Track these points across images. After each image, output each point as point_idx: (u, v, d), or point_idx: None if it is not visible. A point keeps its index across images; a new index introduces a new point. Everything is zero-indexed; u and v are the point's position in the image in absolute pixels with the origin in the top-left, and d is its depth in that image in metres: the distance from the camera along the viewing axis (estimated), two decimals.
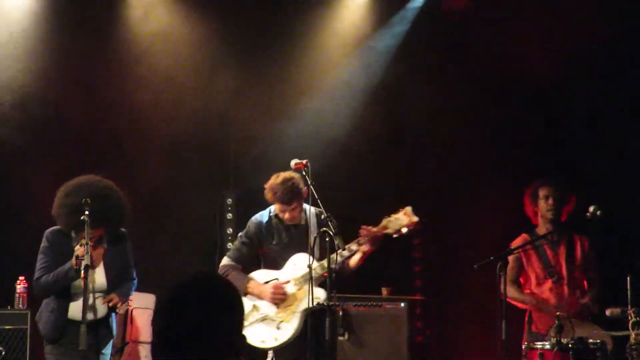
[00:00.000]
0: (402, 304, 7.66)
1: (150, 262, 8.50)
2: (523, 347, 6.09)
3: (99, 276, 5.79)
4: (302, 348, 6.03)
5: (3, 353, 7.38)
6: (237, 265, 6.31)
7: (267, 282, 6.19)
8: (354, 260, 6.12)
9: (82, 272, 5.47)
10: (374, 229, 5.99)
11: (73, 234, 5.77)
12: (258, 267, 6.42)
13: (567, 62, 8.29)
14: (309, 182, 5.98)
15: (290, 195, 6.13)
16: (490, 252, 6.08)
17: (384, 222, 6.02)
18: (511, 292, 6.59)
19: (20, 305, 7.69)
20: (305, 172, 6.02)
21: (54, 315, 5.76)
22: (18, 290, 7.71)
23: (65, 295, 5.72)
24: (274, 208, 6.30)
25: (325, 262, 5.88)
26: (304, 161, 6.07)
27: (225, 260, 6.36)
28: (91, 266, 5.54)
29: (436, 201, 9.01)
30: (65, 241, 5.78)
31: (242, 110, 8.83)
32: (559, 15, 8.28)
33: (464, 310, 8.79)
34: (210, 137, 8.85)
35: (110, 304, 5.76)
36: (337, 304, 6.04)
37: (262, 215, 6.34)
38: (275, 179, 6.19)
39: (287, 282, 6.14)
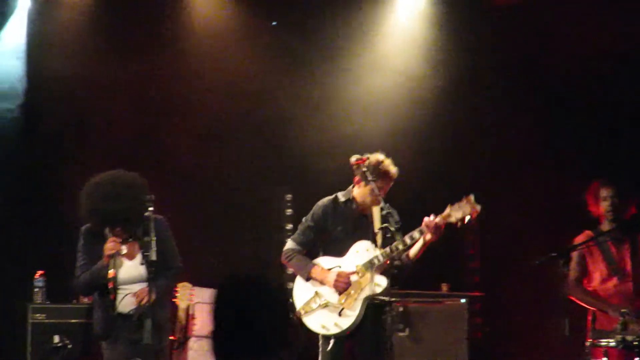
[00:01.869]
0: (462, 300, 7.64)
1: (211, 257, 8.63)
2: (587, 345, 6.03)
3: (138, 269, 5.83)
4: (361, 337, 6.07)
5: (69, 346, 7.52)
6: (302, 250, 6.30)
7: (329, 269, 6.19)
8: (414, 251, 6.09)
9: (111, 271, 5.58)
10: (437, 219, 5.96)
11: (107, 230, 5.82)
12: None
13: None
14: (370, 179, 5.98)
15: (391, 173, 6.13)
16: (550, 248, 6.02)
17: (447, 210, 5.98)
18: (575, 291, 6.53)
19: (85, 300, 7.82)
20: (366, 169, 6.04)
21: (102, 312, 5.82)
22: None
23: (111, 290, 5.77)
24: (343, 194, 6.29)
25: (388, 250, 5.93)
26: (364, 157, 6.09)
27: (290, 244, 6.35)
28: (121, 254, 5.66)
29: (494, 196, 8.94)
30: (99, 237, 5.84)
31: (299, 106, 8.86)
32: (612, 11, 8.19)
33: (523, 306, 8.72)
34: (270, 133, 8.90)
35: (135, 303, 5.77)
36: (397, 299, 6.04)
37: (330, 201, 6.31)
38: (375, 157, 6.16)
39: (353, 271, 6.11)
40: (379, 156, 6.18)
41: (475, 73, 8.94)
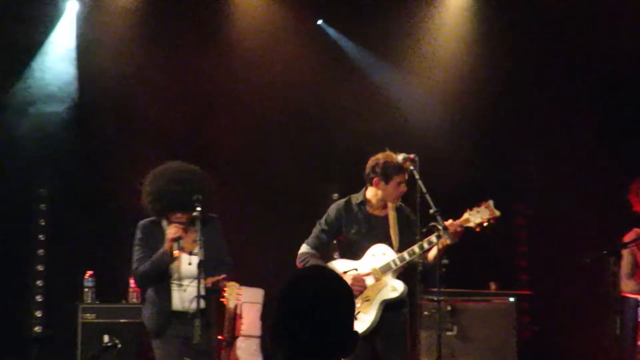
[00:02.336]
0: (511, 299, 7.58)
1: (259, 257, 8.65)
2: (638, 344, 5.96)
3: (194, 265, 5.76)
4: (374, 341, 5.97)
5: (119, 346, 7.59)
6: (316, 253, 6.20)
7: (345, 272, 6.04)
8: (432, 254, 5.96)
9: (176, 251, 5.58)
10: (455, 223, 5.87)
11: (164, 224, 5.83)
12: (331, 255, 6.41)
13: None
14: (417, 177, 5.93)
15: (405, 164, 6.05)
16: (598, 246, 5.96)
17: (466, 215, 5.89)
18: (627, 285, 6.44)
19: (134, 300, 7.91)
20: (414, 167, 5.99)
21: (156, 308, 5.78)
22: (132, 285, 7.93)
23: (166, 286, 5.75)
24: (356, 196, 6.23)
25: (405, 254, 5.87)
26: (412, 155, 6.02)
27: (304, 248, 6.26)
28: (181, 247, 5.64)
29: (542, 194, 8.89)
30: (157, 231, 5.83)
31: (347, 103, 8.87)
32: None
33: (573, 305, 8.64)
34: (317, 131, 8.92)
35: (210, 284, 5.74)
36: (445, 299, 5.99)
37: (343, 203, 6.24)
38: (384, 154, 6.11)
39: (368, 273, 6.01)
40: (388, 153, 6.12)
41: (527, 68, 8.89)
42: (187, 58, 8.72)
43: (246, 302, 7.86)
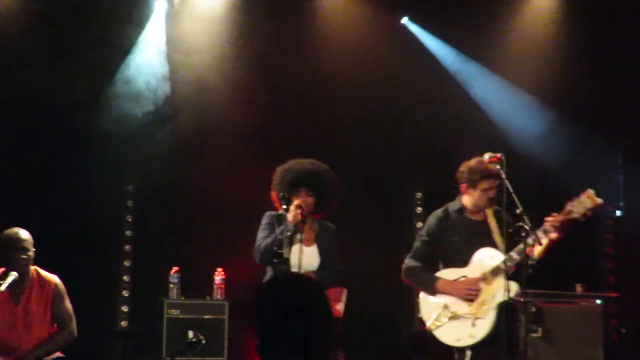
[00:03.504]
0: (598, 301, 7.46)
1: (342, 256, 8.66)
2: None
3: (313, 255, 5.94)
4: (498, 344, 5.87)
5: (203, 342, 7.67)
6: (422, 265, 6.20)
7: (455, 280, 6.04)
8: (538, 251, 5.91)
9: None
10: (560, 216, 5.82)
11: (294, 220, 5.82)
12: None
13: None
14: (504, 177, 5.88)
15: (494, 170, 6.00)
16: None
17: (568, 207, 5.82)
18: None
19: (219, 296, 7.99)
20: (500, 166, 5.94)
21: None
22: (216, 282, 8.01)
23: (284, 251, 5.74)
24: (453, 203, 6.22)
25: (513, 254, 5.82)
26: (498, 155, 5.97)
27: (408, 262, 6.26)
28: (298, 231, 5.73)
29: (630, 195, 8.75)
30: (283, 221, 5.84)
31: (429, 105, 8.83)
32: None
33: None
34: (400, 133, 8.89)
35: None
36: (531, 300, 5.93)
37: (441, 212, 6.24)
38: (474, 160, 6.09)
39: (479, 278, 5.97)
40: (478, 159, 6.07)
41: (615, 65, 8.75)
42: (274, 57, 8.76)
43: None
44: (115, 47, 8.41)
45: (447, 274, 6.11)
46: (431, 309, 6.08)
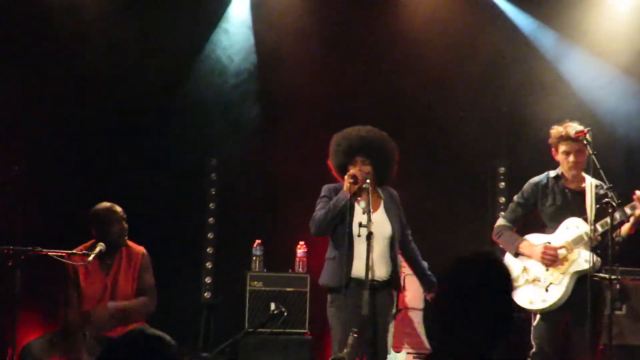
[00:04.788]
0: None
1: (422, 231, 8.64)
2: None
3: (383, 223, 5.80)
4: (571, 314, 5.98)
5: (285, 314, 7.75)
6: (512, 226, 6.34)
7: (540, 244, 6.16)
8: (625, 228, 5.95)
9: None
10: None
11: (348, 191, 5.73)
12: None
13: None
14: (591, 152, 5.84)
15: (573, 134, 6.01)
16: None
17: None
18: None
19: (300, 269, 8.06)
20: (587, 142, 5.89)
21: (337, 266, 5.68)
22: (298, 255, 8.08)
23: (349, 247, 5.65)
24: (553, 172, 6.24)
25: (598, 226, 5.87)
26: (585, 129, 5.96)
27: (500, 221, 6.42)
28: (355, 201, 5.63)
29: None
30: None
31: (514, 82, 8.71)
32: None
33: None
34: (484, 109, 8.80)
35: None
36: (616, 277, 5.89)
37: (540, 178, 6.30)
38: (557, 124, 6.14)
39: (561, 246, 6.06)
40: (562, 124, 6.12)
41: None
42: (357, 34, 8.76)
43: (409, 274, 7.86)
44: (202, 21, 8.50)
45: (533, 237, 6.25)
46: (512, 269, 6.16)
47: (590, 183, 6.03)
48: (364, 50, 8.82)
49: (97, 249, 6.01)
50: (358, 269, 5.62)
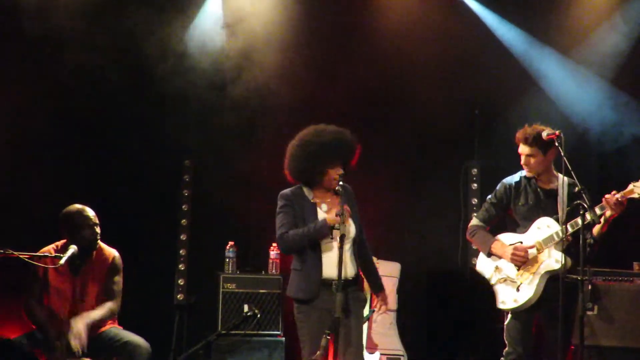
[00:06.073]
0: None
1: (396, 231, 8.67)
2: None
3: (351, 229, 5.68)
4: (540, 313, 6.09)
5: (258, 316, 7.77)
6: (485, 226, 6.43)
7: (510, 245, 6.23)
8: (597, 229, 6.01)
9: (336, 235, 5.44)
10: (618, 195, 5.89)
11: (306, 191, 5.74)
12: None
13: None
14: (562, 154, 5.87)
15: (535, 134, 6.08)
16: None
17: (630, 186, 5.92)
18: None
19: (273, 271, 8.05)
20: (559, 144, 5.94)
21: (305, 276, 5.63)
22: (271, 257, 8.07)
23: (316, 251, 5.61)
24: (524, 172, 6.31)
25: (568, 227, 5.95)
26: (557, 132, 6.01)
27: (474, 221, 6.50)
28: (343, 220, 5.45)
29: None
30: (301, 198, 5.74)
31: (487, 84, 8.76)
32: None
33: None
34: (457, 110, 8.84)
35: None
36: (588, 278, 5.94)
37: (512, 178, 6.39)
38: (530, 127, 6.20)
39: (531, 246, 6.14)
40: (540, 127, 6.17)
41: None
42: (332, 35, 8.79)
43: (383, 275, 7.85)
44: (174, 23, 8.47)
45: (505, 237, 6.33)
46: (485, 269, 6.35)
47: (562, 182, 6.08)
48: (337, 51, 8.82)
49: (70, 252, 5.95)
50: (328, 272, 5.59)
